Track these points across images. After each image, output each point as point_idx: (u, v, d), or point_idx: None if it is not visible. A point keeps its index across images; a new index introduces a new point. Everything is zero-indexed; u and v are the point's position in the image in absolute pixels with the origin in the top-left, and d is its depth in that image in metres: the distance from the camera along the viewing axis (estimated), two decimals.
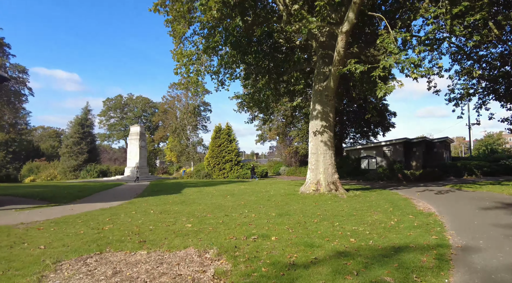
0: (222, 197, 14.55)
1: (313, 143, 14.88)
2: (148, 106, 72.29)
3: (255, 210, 10.39)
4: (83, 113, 53.10)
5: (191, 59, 15.97)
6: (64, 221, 8.90)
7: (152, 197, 15.01)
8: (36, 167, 50.75)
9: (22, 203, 13.49)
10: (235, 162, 33.79)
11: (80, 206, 12.22)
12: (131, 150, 44.86)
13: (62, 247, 6.01)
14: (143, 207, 11.64)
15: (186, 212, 10.15)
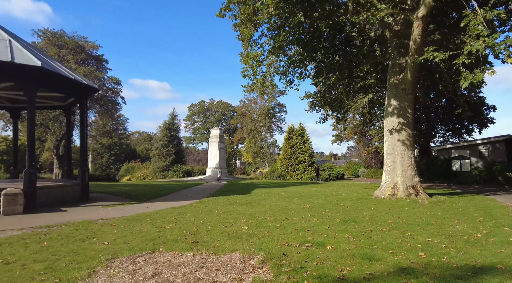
0: (289, 199, 14.16)
1: (389, 142, 13.55)
2: (227, 110, 75.50)
3: (319, 215, 9.78)
4: (170, 119, 57.89)
5: (258, 61, 15.94)
6: (136, 218, 9.55)
7: (222, 197, 15.37)
8: (131, 168, 56.97)
9: (110, 200, 15.03)
10: (309, 163, 33.01)
11: (155, 204, 13.09)
12: (212, 151, 47.27)
13: (122, 244, 6.36)
14: (210, 206, 11.93)
15: (248, 214, 10.04)
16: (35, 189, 12.05)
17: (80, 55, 32.34)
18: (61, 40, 31.79)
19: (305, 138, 34.24)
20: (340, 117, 22.14)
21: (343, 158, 76.88)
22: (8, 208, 10.34)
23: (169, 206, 12.33)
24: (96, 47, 34.48)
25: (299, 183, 27.40)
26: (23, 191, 11.30)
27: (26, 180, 11.89)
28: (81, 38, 34.08)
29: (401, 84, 13.21)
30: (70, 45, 31.77)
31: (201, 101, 76.15)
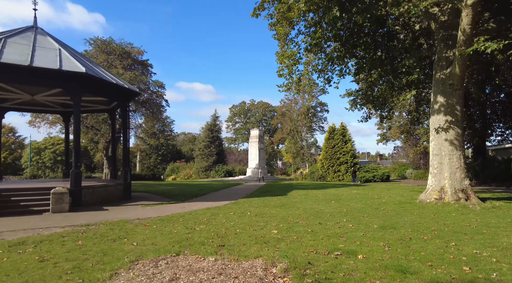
0: (326, 202, 13.66)
1: (435, 142, 12.54)
2: (268, 110, 75.56)
3: (355, 220, 9.26)
4: (212, 120, 59.18)
5: (294, 59, 15.61)
6: (169, 219, 9.71)
7: (257, 198, 15.25)
8: (176, 167, 59.08)
9: (151, 199, 15.55)
10: (351, 164, 31.82)
11: (192, 204, 13.28)
12: (252, 151, 47.51)
13: (150, 245, 6.44)
14: (243, 208, 11.84)
15: (280, 217, 9.79)
16: (81, 189, 12.78)
17: (126, 60, 34.09)
18: (109, 47, 33.73)
19: (347, 138, 33.09)
20: (384, 116, 21.03)
21: (390, 159, 73.53)
22: (56, 206, 11.05)
23: (205, 207, 12.44)
24: (141, 52, 36.14)
25: (339, 184, 26.52)
26: (69, 190, 12.05)
27: (72, 180, 12.66)
28: (127, 44, 35.94)
29: (448, 79, 12.15)
30: (117, 52, 33.61)
31: (241, 102, 77.08)
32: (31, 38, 13.87)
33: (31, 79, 12.20)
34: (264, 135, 72.81)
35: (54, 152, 66.79)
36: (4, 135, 72.87)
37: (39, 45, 13.57)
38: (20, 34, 14.04)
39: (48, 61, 12.35)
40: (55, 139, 65.77)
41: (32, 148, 66.15)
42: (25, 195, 11.74)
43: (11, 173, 60.03)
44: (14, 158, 72.73)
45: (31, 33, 14.45)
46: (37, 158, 66.73)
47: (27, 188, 12.24)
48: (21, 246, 6.47)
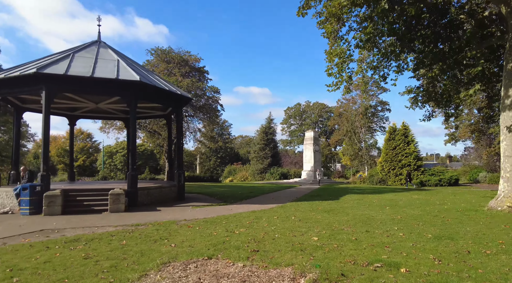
0: (380, 208, 12.78)
1: (507, 142, 11.04)
2: (324, 111, 73.84)
3: (408, 228, 8.46)
4: (267, 123, 59.55)
5: (343, 57, 14.97)
6: (214, 221, 9.84)
7: (306, 202, 14.84)
8: (233, 170, 60.46)
9: (203, 200, 16.00)
10: (414, 167, 29.56)
11: (239, 207, 13.37)
12: (306, 154, 46.76)
13: (187, 247, 6.53)
14: (288, 212, 11.57)
15: (326, 223, 9.35)
16: (137, 190, 13.60)
17: (184, 68, 35.78)
18: (168, 56, 35.72)
19: (409, 139, 30.84)
20: (450, 114, 19.18)
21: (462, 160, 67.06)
22: (113, 206, 11.89)
23: (251, 209, 12.42)
24: (198, 60, 37.67)
25: (400, 189, 24.77)
26: (126, 191, 12.89)
27: (128, 181, 13.54)
28: (185, 53, 37.69)
29: None
30: (176, 60, 35.44)
31: (297, 104, 76.36)
32: (95, 52, 15.20)
33: (92, 88, 13.34)
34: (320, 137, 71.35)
35: (124, 155, 72.47)
36: (83, 140, 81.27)
37: (101, 57, 14.80)
38: (86, 49, 15.46)
39: (107, 72, 13.40)
40: (125, 144, 71.38)
41: (105, 152, 72.70)
42: (89, 195, 12.83)
43: (88, 175, 66.34)
44: (91, 161, 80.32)
45: (95, 47, 15.83)
46: (109, 161, 72.99)
47: (91, 189, 13.36)
48: (74, 243, 7.01)
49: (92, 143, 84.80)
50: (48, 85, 12.46)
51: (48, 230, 8.68)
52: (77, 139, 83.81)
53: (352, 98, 65.21)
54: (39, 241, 7.30)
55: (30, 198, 11.27)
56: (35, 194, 11.38)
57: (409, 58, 16.33)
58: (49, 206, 11.07)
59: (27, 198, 11.29)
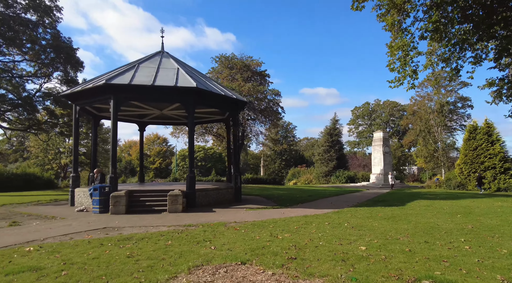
0: (450, 215, 11.37)
1: None
2: (395, 110, 69.08)
3: (478, 240, 7.33)
4: (332, 124, 57.73)
5: (405, 50, 13.78)
6: (261, 224, 9.71)
7: (366, 208, 13.90)
8: (297, 172, 59.80)
9: (258, 203, 16.02)
10: (501, 170, 25.91)
11: (293, 211, 13.04)
12: (375, 156, 44.24)
13: (225, 251, 6.51)
14: (343, 218, 10.92)
15: (381, 231, 8.58)
16: (195, 191, 14.13)
17: (246, 73, 36.51)
18: (231, 62, 36.80)
19: (494, 138, 27.19)
20: None
21: None
22: (171, 207, 12.51)
23: (303, 214, 12.02)
24: (259, 64, 38.13)
25: (481, 195, 21.90)
26: (184, 192, 13.48)
27: (187, 183, 14.15)
28: (247, 58, 38.44)
29: None
30: (238, 66, 36.34)
31: (365, 103, 72.74)
32: (157, 61, 16.26)
33: (154, 96, 14.26)
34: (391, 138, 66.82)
35: (196, 157, 76.62)
36: (159, 145, 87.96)
37: (162, 66, 15.78)
38: (150, 59, 16.64)
39: (167, 80, 14.21)
40: (196, 148, 75.64)
41: (179, 155, 77.65)
42: (151, 196, 13.71)
43: (163, 176, 71.22)
44: (166, 163, 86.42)
45: (158, 57, 16.95)
46: (182, 163, 77.67)
47: (154, 190, 14.26)
48: (125, 241, 7.47)
49: (167, 147, 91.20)
50: (115, 94, 13.65)
51: (109, 228, 9.43)
52: (154, 143, 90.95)
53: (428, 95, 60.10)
54: (97, 237, 7.95)
55: (100, 198, 12.43)
56: (103, 194, 12.52)
57: (489, 47, 14.39)
58: (115, 206, 12.08)
59: (97, 198, 12.48)
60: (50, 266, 5.54)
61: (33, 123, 26.63)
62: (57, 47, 24.07)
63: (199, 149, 74.46)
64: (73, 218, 11.39)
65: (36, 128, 27.10)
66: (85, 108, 16.45)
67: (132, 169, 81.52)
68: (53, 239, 7.91)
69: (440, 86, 57.50)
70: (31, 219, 11.15)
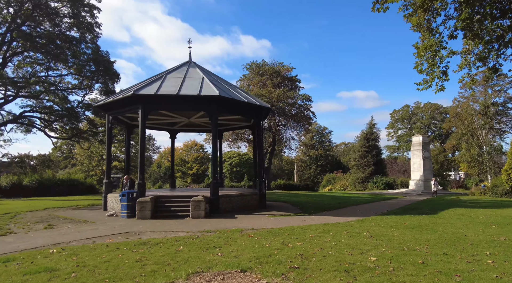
0: (483, 226, 10.58)
1: None
2: (437, 112, 65.56)
3: (506, 255, 6.75)
4: (368, 128, 55.96)
5: (433, 50, 13.16)
6: (277, 231, 9.65)
7: (393, 216, 13.31)
8: (332, 178, 58.44)
9: (283, 209, 15.93)
10: None
11: (315, 218, 12.82)
12: (414, 161, 42.27)
13: (231, 258, 6.57)
14: (365, 227, 10.54)
15: (400, 241, 8.19)
16: (218, 197, 14.37)
17: (276, 79, 36.68)
18: (262, 69, 37.18)
19: None
20: None
21: None
22: (194, 212, 12.82)
23: (324, 222, 11.78)
24: (290, 69, 38.16)
25: None
26: (208, 198, 13.76)
27: (211, 189, 14.43)
28: (278, 64, 38.64)
29: None
30: (268, 72, 36.63)
31: (404, 106, 69.75)
32: (184, 71, 16.85)
33: (179, 105, 14.80)
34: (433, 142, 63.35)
35: (231, 163, 77.64)
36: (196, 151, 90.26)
37: (189, 76, 16.31)
38: (177, 69, 17.28)
39: (192, 89, 14.67)
40: (231, 153, 76.66)
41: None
42: (176, 202, 14.13)
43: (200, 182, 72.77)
44: (203, 169, 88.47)
45: (185, 67, 17.55)
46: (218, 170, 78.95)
47: (179, 196, 14.70)
48: (141, 246, 7.79)
49: (204, 153, 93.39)
50: (143, 104, 14.33)
51: (132, 232, 9.88)
52: (192, 150, 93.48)
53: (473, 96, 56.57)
54: (117, 241, 8.36)
55: (127, 203, 13.06)
56: (131, 199, 13.13)
57: None
58: (141, 211, 12.61)
59: (124, 203, 13.12)
60: (64, 267, 5.93)
61: (76, 133, 28.61)
62: (97, 61, 25.81)
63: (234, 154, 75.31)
64: (102, 222, 12.06)
65: (78, 137, 29.06)
66: (118, 117, 17.38)
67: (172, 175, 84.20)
68: (77, 242, 8.44)
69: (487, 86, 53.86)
70: (65, 222, 11.96)
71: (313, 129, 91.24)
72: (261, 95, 33.34)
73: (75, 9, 25.59)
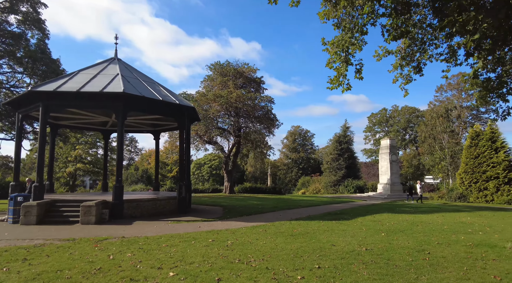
0: (373, 232, 9.84)
1: None
2: (413, 116, 65.38)
3: (324, 271, 5.97)
4: (342, 131, 55.45)
5: (343, 45, 12.44)
6: (135, 240, 8.77)
7: (302, 222, 12.48)
8: (307, 181, 57.78)
9: (201, 215, 15.00)
10: (504, 180, 23.13)
11: (218, 224, 11.94)
12: (382, 165, 41.72)
13: (14, 273, 5.68)
14: (241, 234, 9.70)
15: (252, 251, 7.36)
16: (122, 202, 13.44)
17: (238, 80, 35.89)
18: (224, 69, 36.35)
19: (498, 145, 24.45)
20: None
21: None
22: (84, 218, 11.88)
23: (220, 228, 10.93)
24: (254, 70, 37.37)
25: (478, 207, 19.54)
26: (110, 203, 12.86)
27: (113, 193, 13.50)
28: (243, 65, 37.83)
29: None
30: (230, 73, 35.82)
31: (382, 110, 69.54)
32: (101, 68, 15.91)
33: (81, 102, 13.91)
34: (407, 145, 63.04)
35: (210, 166, 76.58)
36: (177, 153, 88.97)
37: (104, 73, 15.39)
38: (96, 66, 16.32)
39: (97, 86, 13.75)
40: (211, 156, 75.65)
41: (194, 163, 78.12)
42: (73, 206, 13.15)
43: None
44: None
45: (106, 64, 16.62)
46: (198, 172, 77.96)
47: (79, 200, 13.63)
48: None
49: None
50: (43, 101, 13.39)
51: None
52: (173, 153, 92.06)
53: (448, 100, 56.53)
54: None
55: (14, 208, 12.09)
56: (18, 203, 12.16)
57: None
58: (26, 216, 11.64)
59: (11, 208, 12.14)
60: None
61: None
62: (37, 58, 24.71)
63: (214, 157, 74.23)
64: None
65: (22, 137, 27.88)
66: (33, 116, 16.34)
67: (149, 177, 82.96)
68: None
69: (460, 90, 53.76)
70: None
71: (296, 132, 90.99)
72: (220, 96, 32.54)
73: (16, 4, 24.52)
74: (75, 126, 19.94)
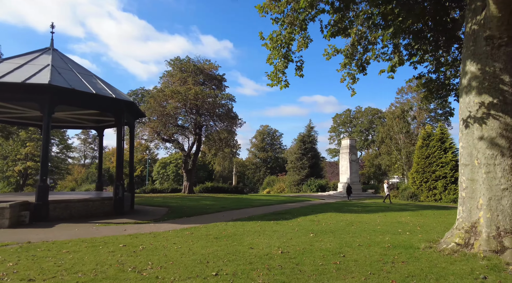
0: (304, 232, 9.50)
1: (464, 143, 7.11)
2: (376, 117, 67.15)
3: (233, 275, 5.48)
4: (306, 131, 55.92)
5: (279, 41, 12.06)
6: (38, 246, 7.92)
7: (241, 222, 12.00)
8: (272, 180, 57.77)
9: (141, 216, 14.20)
10: (451, 179, 23.91)
11: (149, 227, 11.20)
12: (343, 164, 42.40)
13: None
14: (168, 238, 9.08)
15: (144, 258, 6.76)
16: (47, 203, 12.36)
17: (198, 76, 35.04)
18: (184, 65, 35.37)
19: (446, 145, 25.25)
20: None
21: None
22: None
23: (151, 231, 10.22)
24: (215, 67, 36.68)
25: (425, 206, 19.96)
26: (33, 204, 11.78)
27: (36, 194, 12.38)
28: (205, 61, 37.01)
29: (482, 30, 6.75)
30: (190, 69, 34.89)
31: (346, 110, 70.96)
32: (31, 58, 14.61)
33: (2, 94, 12.64)
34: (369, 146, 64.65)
35: (176, 165, 74.71)
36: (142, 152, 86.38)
37: (33, 63, 14.13)
38: (25, 56, 14.94)
39: (20, 76, 12.56)
40: (178, 155, 73.83)
41: (160, 162, 76.12)
42: None
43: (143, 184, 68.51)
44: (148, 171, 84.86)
45: (38, 54, 15.30)
46: (163, 171, 75.95)
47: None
48: None
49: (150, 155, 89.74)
50: None
51: None
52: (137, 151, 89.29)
53: (408, 102, 58.22)
54: None
55: None
56: None
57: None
58: None
59: None
60: None
61: None
62: None
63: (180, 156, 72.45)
64: None
65: None
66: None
67: (111, 176, 79.94)
68: None
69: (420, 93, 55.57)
70: None
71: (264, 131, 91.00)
72: (177, 92, 31.56)
73: None
74: (6, 121, 18.40)
